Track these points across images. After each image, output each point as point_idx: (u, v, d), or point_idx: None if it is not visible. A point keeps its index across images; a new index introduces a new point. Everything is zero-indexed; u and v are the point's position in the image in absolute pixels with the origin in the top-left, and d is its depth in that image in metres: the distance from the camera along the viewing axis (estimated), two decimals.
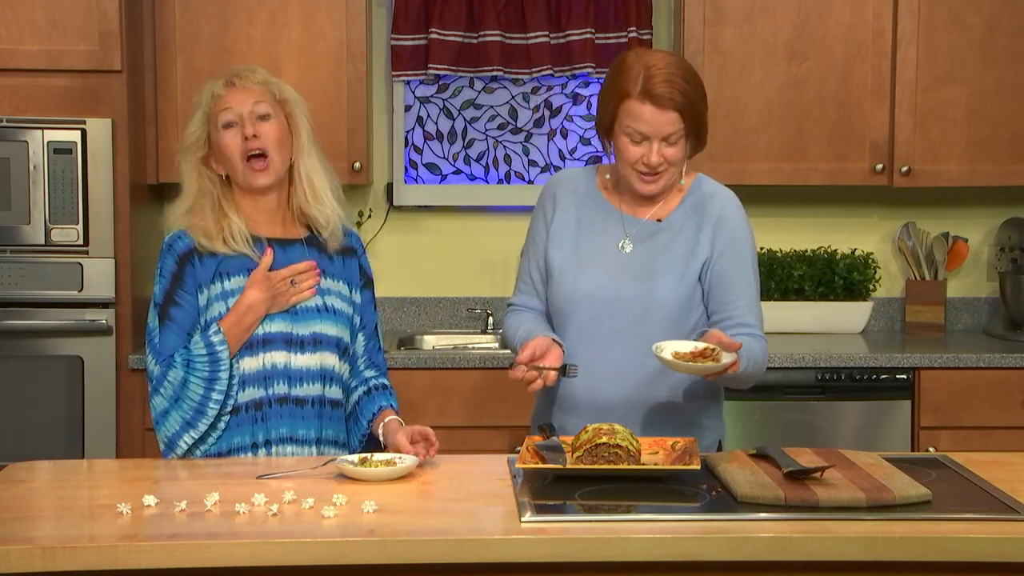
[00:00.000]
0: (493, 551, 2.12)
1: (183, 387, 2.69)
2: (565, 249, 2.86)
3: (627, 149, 2.76)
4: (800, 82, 4.35)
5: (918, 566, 2.16)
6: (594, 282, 2.81)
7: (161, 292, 2.75)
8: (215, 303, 2.74)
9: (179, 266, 2.74)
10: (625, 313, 2.79)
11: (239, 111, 2.75)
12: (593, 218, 2.88)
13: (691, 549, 2.14)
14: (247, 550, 2.10)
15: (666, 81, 2.70)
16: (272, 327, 2.75)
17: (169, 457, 2.72)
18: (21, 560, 2.07)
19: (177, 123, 4.22)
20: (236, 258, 2.75)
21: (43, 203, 3.91)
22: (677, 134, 2.75)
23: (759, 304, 2.85)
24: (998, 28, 4.33)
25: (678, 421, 2.82)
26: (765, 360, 2.81)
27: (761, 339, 2.81)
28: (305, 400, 2.78)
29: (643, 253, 2.83)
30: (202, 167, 2.79)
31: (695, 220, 2.85)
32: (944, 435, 4.10)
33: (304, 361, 2.77)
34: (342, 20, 4.25)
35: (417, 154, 4.69)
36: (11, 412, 3.93)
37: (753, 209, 4.67)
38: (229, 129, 2.74)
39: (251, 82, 2.79)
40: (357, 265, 2.91)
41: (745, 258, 2.85)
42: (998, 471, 2.55)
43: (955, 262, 4.65)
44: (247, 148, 2.73)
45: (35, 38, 3.95)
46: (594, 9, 4.49)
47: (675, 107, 2.71)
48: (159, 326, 2.73)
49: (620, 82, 2.75)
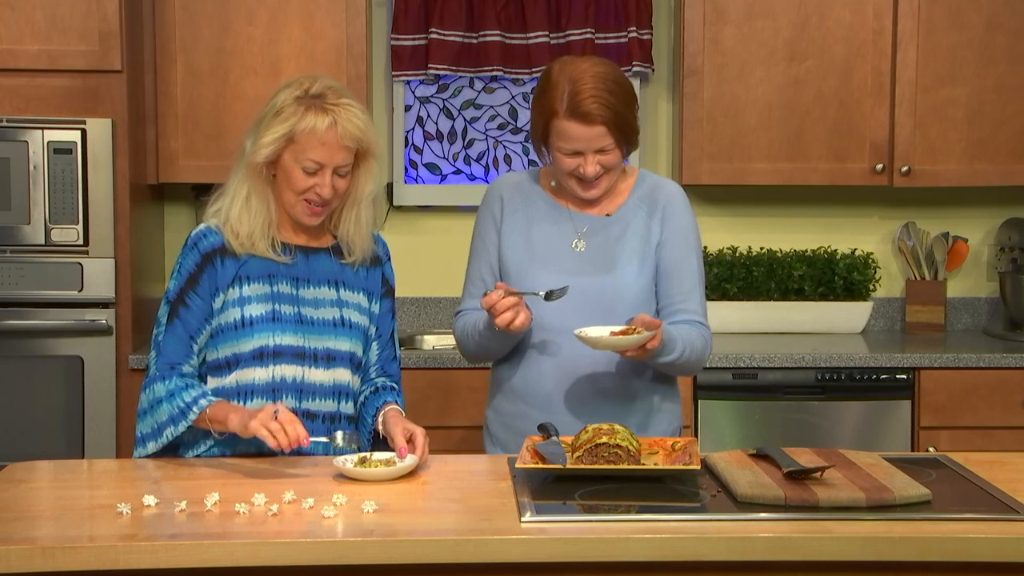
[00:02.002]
0: (493, 551, 2.12)
1: (158, 404, 2.68)
2: (519, 248, 2.86)
3: (562, 161, 2.78)
4: (800, 82, 4.36)
5: (918, 566, 2.16)
6: (555, 277, 2.80)
7: (175, 288, 2.72)
8: (231, 307, 2.71)
9: (199, 267, 2.71)
10: (590, 306, 2.79)
11: (326, 166, 2.67)
12: (543, 216, 2.88)
13: (691, 549, 2.14)
14: (247, 550, 2.10)
15: (591, 98, 2.70)
16: (283, 340, 2.72)
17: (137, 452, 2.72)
18: (21, 560, 2.06)
19: (177, 123, 4.23)
20: (258, 262, 2.73)
21: (43, 203, 3.91)
22: (609, 145, 2.75)
23: (702, 293, 2.88)
24: (998, 28, 4.33)
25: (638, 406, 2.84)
26: (706, 348, 2.85)
27: (702, 327, 2.84)
28: (316, 415, 2.75)
29: (598, 247, 2.84)
30: (263, 172, 2.71)
31: (645, 209, 2.87)
32: (944, 435, 4.10)
33: (318, 376, 2.75)
34: (342, 20, 4.25)
35: (417, 154, 4.69)
36: (11, 412, 3.93)
37: (753, 209, 4.72)
38: (307, 173, 2.67)
39: (350, 136, 2.66)
40: (380, 275, 2.88)
41: (690, 247, 2.87)
42: (998, 471, 2.55)
43: (955, 262, 4.65)
44: (314, 197, 2.69)
45: (35, 38, 3.95)
46: (594, 9, 4.49)
47: (602, 121, 2.71)
48: (167, 324, 2.72)
49: (547, 101, 2.75)
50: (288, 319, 2.73)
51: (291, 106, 2.67)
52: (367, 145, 2.72)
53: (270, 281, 2.74)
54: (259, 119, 2.72)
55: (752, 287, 4.52)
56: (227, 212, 2.73)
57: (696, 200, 4.69)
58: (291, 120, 2.65)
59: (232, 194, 2.73)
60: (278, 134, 2.66)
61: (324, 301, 2.78)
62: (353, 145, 2.69)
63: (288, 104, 2.67)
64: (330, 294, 2.79)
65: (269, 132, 2.67)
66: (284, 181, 2.70)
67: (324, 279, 2.79)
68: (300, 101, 2.67)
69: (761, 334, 4.48)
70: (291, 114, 2.66)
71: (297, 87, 2.70)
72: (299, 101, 2.67)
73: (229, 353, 2.72)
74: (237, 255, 2.71)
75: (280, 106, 2.68)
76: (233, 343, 2.72)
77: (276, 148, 2.67)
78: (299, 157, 2.66)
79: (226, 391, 2.71)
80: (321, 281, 2.79)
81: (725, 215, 4.68)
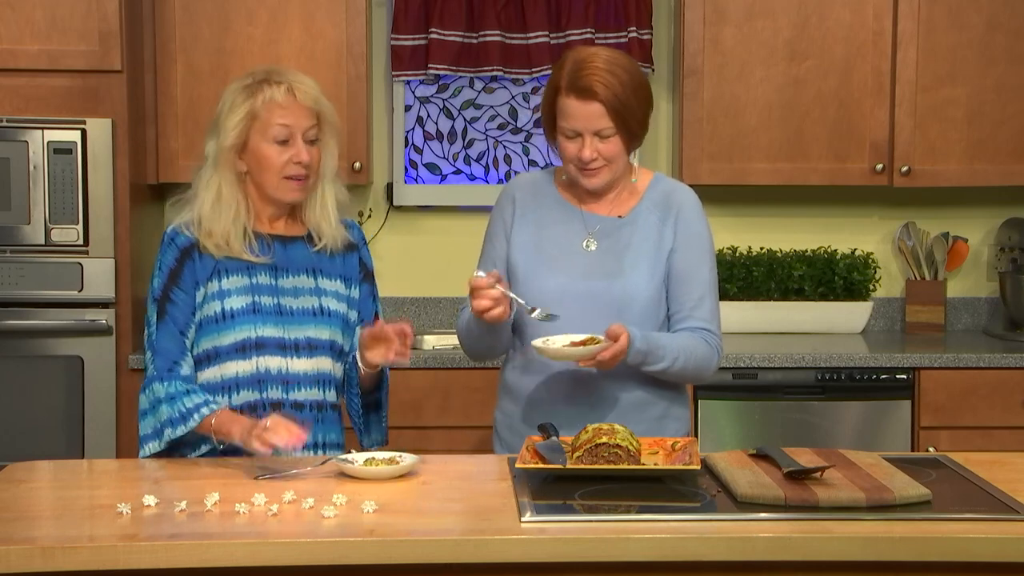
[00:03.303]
0: (493, 551, 2.12)
1: (158, 405, 2.69)
2: (528, 251, 2.84)
3: (564, 146, 2.77)
4: (800, 82, 4.35)
5: (918, 566, 2.16)
6: (564, 281, 2.79)
7: (159, 286, 2.74)
8: (211, 301, 2.73)
9: (179, 262, 2.73)
10: (598, 311, 2.76)
11: (295, 131, 2.71)
12: (554, 218, 2.86)
13: (691, 549, 2.14)
14: (247, 550, 2.10)
15: (591, 74, 2.68)
16: (264, 331, 2.74)
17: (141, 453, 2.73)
18: (21, 560, 2.06)
19: (177, 123, 4.23)
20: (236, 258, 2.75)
21: (43, 203, 3.91)
22: (608, 129, 2.71)
23: (715, 301, 2.84)
24: (998, 28, 4.33)
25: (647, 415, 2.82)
26: (711, 356, 2.80)
27: (709, 334, 2.80)
28: (303, 405, 2.77)
29: (608, 250, 2.82)
30: (233, 162, 2.74)
31: (657, 215, 2.83)
32: (944, 435, 4.10)
33: (300, 366, 2.77)
34: (342, 20, 4.25)
35: (417, 154, 4.69)
36: (11, 412, 3.93)
37: (753, 209, 4.72)
38: (279, 145, 2.71)
39: (308, 97, 2.72)
40: (357, 259, 2.90)
41: (703, 254, 2.84)
42: (998, 471, 2.55)
43: (955, 262, 4.65)
44: (293, 170, 2.72)
45: (35, 38, 3.95)
46: (594, 9, 4.49)
47: (598, 99, 2.68)
48: (157, 323, 2.73)
49: (553, 78, 2.76)
50: (268, 310, 2.75)
51: (241, 93, 2.73)
52: (324, 111, 2.77)
53: (249, 273, 2.75)
54: (214, 121, 2.77)
55: (752, 287, 4.52)
56: (199, 213, 2.74)
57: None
58: (247, 102, 2.71)
59: (201, 197, 2.75)
60: (238, 116, 2.71)
61: (303, 290, 2.80)
62: (314, 107, 2.74)
63: (238, 93, 2.73)
64: (308, 283, 2.81)
65: (229, 119, 2.71)
66: (259, 166, 2.73)
67: (302, 268, 2.81)
68: (248, 87, 2.73)
69: (761, 334, 4.47)
70: (246, 97, 2.72)
71: (241, 80, 2.77)
72: (247, 87, 2.73)
73: (210, 347, 2.74)
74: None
75: (231, 99, 2.74)
76: (214, 336, 2.73)
77: (240, 130, 2.71)
78: (266, 130, 2.70)
79: (211, 386, 2.73)
80: (299, 270, 2.80)
81: (725, 215, 4.68)
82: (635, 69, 2.76)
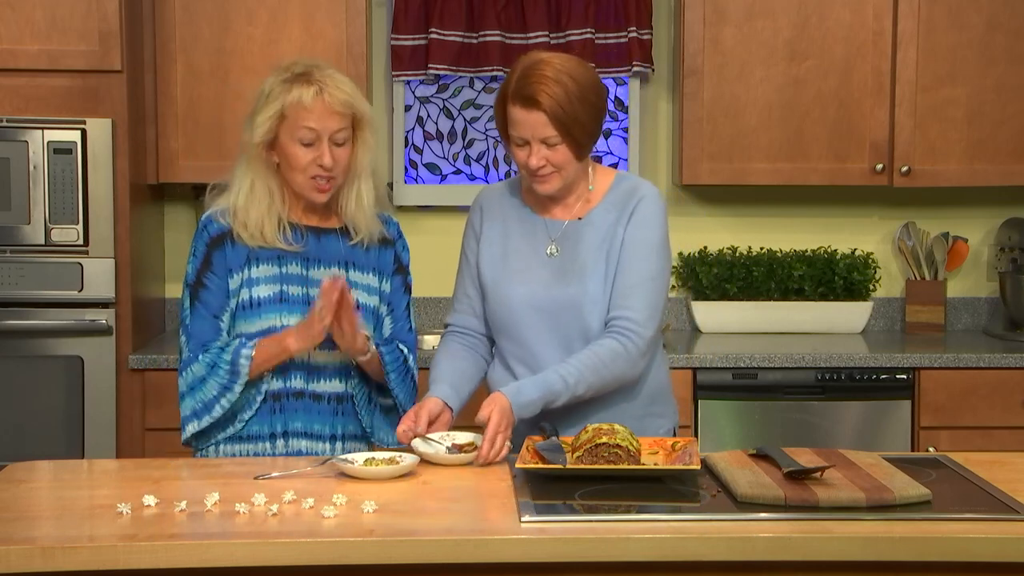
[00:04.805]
0: (493, 551, 2.12)
1: (201, 383, 2.73)
2: (495, 262, 2.85)
3: (515, 153, 2.76)
4: (800, 82, 4.35)
5: (918, 566, 2.16)
6: (528, 291, 2.80)
7: (193, 272, 2.78)
8: (244, 288, 2.76)
9: (209, 247, 2.76)
10: (562, 316, 2.77)
11: (321, 133, 2.71)
12: (519, 228, 2.86)
13: (691, 549, 2.14)
14: (247, 550, 2.10)
15: (536, 82, 2.65)
16: (290, 320, 2.76)
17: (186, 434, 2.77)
18: (21, 560, 2.07)
19: (177, 123, 4.23)
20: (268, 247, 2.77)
21: (43, 203, 3.91)
22: (553, 137, 2.68)
23: (649, 292, 2.76)
24: (998, 28, 4.33)
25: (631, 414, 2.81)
26: (625, 356, 2.71)
27: (626, 329, 2.72)
28: (322, 396, 2.80)
29: (569, 252, 2.81)
30: (265, 156, 2.76)
31: (615, 214, 2.81)
32: (944, 435, 4.10)
33: (324, 357, 2.79)
34: (342, 20, 4.25)
35: (417, 154, 4.69)
36: (11, 412, 3.93)
37: (753, 209, 4.72)
38: (305, 146, 2.72)
39: (339, 101, 2.72)
40: (392, 254, 2.92)
41: (647, 243, 2.77)
42: (998, 471, 2.55)
43: (955, 262, 4.65)
44: (318, 171, 2.72)
45: (35, 38, 3.95)
46: (594, 9, 4.49)
47: (541, 108, 2.65)
48: (190, 308, 2.76)
49: (503, 85, 2.74)
50: (296, 300, 2.78)
51: (278, 87, 2.74)
52: (359, 112, 2.77)
53: (279, 262, 2.78)
54: (253, 108, 2.78)
55: (752, 287, 4.52)
56: (234, 204, 2.78)
57: (696, 200, 4.70)
58: (280, 98, 2.72)
59: (236, 187, 2.79)
60: (269, 113, 2.72)
61: None
62: (344, 110, 2.73)
63: (276, 86, 2.74)
64: (339, 275, 2.81)
65: (261, 114, 2.73)
66: (287, 163, 2.75)
67: (334, 260, 2.83)
68: (286, 81, 2.73)
69: (761, 334, 4.48)
70: (279, 93, 2.73)
71: (283, 71, 2.77)
72: (285, 81, 2.74)
73: (237, 334, 2.77)
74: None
75: (268, 90, 2.75)
76: (241, 323, 2.77)
77: (270, 126, 2.72)
78: (293, 131, 2.71)
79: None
80: (331, 262, 2.82)
81: (725, 215, 4.68)
82: (585, 77, 2.70)
